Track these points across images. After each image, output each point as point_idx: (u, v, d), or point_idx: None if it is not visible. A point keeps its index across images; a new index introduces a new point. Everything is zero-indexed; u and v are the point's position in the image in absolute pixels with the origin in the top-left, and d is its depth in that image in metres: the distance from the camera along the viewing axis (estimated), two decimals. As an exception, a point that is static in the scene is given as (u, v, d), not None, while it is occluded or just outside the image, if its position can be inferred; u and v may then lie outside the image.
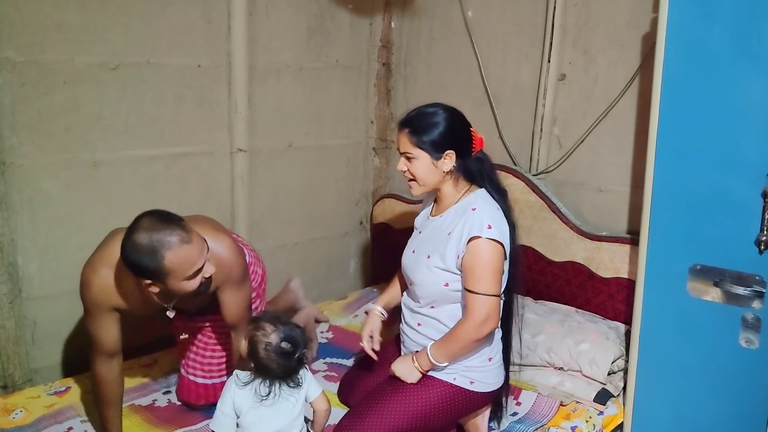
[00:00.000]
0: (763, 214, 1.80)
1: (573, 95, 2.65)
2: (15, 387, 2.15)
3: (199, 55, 2.48)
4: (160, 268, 1.55)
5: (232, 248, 1.81)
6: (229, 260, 1.78)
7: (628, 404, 2.14)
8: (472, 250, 1.73)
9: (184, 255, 1.56)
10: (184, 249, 1.56)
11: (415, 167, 1.81)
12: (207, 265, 1.64)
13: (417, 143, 1.79)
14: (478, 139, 1.84)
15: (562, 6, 2.60)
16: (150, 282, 1.59)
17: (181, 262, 1.56)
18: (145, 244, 1.53)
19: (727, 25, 1.79)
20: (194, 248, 1.59)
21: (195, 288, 1.64)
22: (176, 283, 1.60)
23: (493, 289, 1.73)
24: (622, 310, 2.45)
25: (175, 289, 1.62)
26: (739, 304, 1.87)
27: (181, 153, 2.50)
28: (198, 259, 1.60)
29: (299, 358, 1.62)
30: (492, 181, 1.86)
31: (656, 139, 1.96)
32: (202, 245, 1.63)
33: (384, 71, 3.23)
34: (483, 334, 1.74)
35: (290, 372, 1.64)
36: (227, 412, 1.63)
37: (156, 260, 1.53)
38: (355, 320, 2.77)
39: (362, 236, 3.38)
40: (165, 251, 1.53)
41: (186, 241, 1.57)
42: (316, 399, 1.70)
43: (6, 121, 2.04)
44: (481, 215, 1.75)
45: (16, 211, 2.10)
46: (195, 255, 1.59)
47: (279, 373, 1.62)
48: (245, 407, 1.62)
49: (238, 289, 1.84)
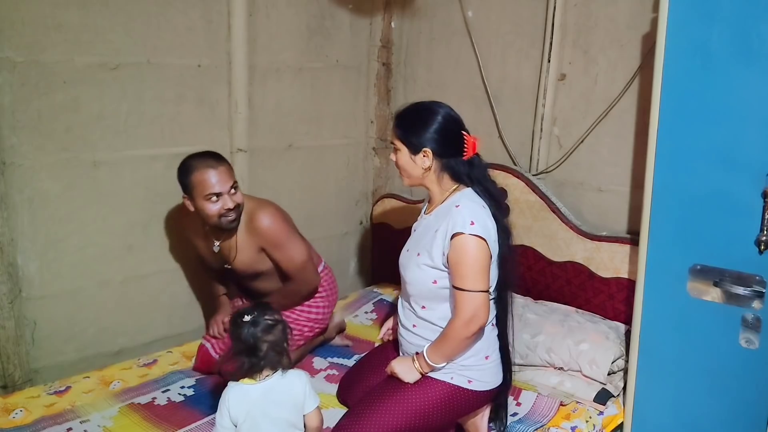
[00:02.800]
0: (763, 214, 1.80)
1: (573, 95, 2.65)
2: (15, 387, 2.15)
3: (199, 55, 2.48)
4: (187, 182, 2.06)
5: (270, 216, 2.17)
6: (266, 224, 2.15)
7: (628, 404, 2.14)
8: (456, 247, 1.74)
9: (205, 176, 2.03)
10: (206, 171, 2.04)
11: (398, 158, 1.88)
12: (228, 199, 2.06)
13: (399, 136, 1.86)
14: (471, 143, 1.84)
15: (562, 6, 2.60)
16: (186, 196, 2.10)
17: (201, 180, 2.03)
18: (185, 162, 2.10)
19: (727, 25, 1.79)
20: (216, 174, 2.04)
21: (215, 213, 2.06)
22: (200, 201, 2.06)
23: (479, 285, 1.73)
24: (622, 310, 2.45)
25: (201, 208, 2.06)
26: (739, 304, 1.87)
27: (181, 153, 2.47)
28: (216, 184, 2.03)
29: (260, 329, 1.64)
30: (481, 185, 1.86)
31: (656, 139, 1.96)
32: (226, 178, 2.06)
33: (384, 71, 3.23)
34: (472, 331, 1.74)
35: (253, 343, 1.63)
36: (226, 425, 1.64)
37: (186, 175, 2.06)
38: (355, 320, 2.77)
39: (362, 236, 3.38)
40: (193, 169, 2.05)
41: (211, 167, 2.04)
42: (311, 412, 1.69)
43: (6, 121, 2.04)
44: (463, 212, 1.76)
45: (16, 211, 2.10)
46: (214, 179, 2.03)
47: (240, 344, 1.64)
48: (240, 417, 1.63)
49: (281, 248, 2.19)
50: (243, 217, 2.17)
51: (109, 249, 2.35)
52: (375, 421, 1.75)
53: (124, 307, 2.43)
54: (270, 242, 2.18)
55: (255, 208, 2.19)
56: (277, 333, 1.66)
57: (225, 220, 2.09)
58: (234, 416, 1.63)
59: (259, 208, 2.19)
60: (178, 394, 2.12)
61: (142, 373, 2.24)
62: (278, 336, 1.66)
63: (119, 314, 2.42)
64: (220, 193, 2.05)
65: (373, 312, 2.86)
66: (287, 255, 2.20)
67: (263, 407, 1.63)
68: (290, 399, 1.66)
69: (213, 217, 2.07)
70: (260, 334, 1.64)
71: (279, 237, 2.18)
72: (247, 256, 2.21)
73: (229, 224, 2.11)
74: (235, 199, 2.09)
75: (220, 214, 2.07)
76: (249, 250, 2.20)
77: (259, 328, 1.64)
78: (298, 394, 1.67)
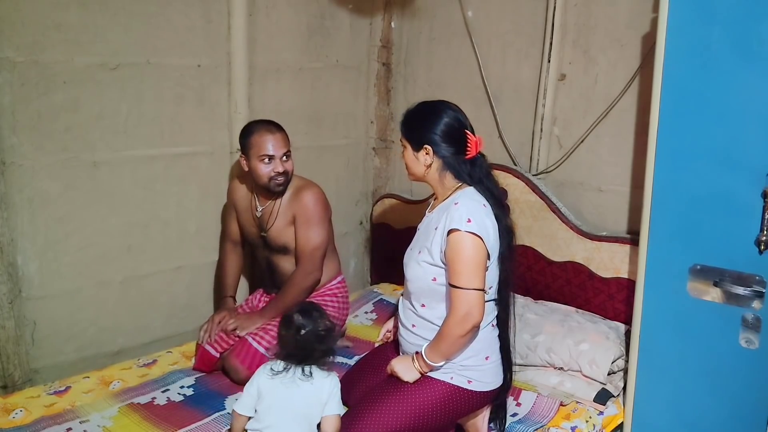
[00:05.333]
0: (763, 214, 1.80)
1: (573, 95, 2.65)
2: (15, 387, 2.14)
3: (199, 55, 2.48)
4: (246, 142, 2.30)
5: (315, 195, 2.35)
6: (308, 200, 2.33)
7: (628, 404, 2.14)
8: (452, 244, 1.75)
9: (262, 138, 2.26)
10: (264, 135, 2.27)
11: (403, 155, 1.93)
12: (279, 163, 2.27)
13: (403, 133, 1.91)
14: (474, 142, 1.84)
15: (562, 6, 2.60)
16: (242, 156, 2.31)
17: (258, 142, 2.26)
18: (247, 125, 2.36)
19: (727, 26, 1.79)
20: (272, 139, 2.27)
21: (266, 175, 2.26)
22: (255, 162, 2.27)
23: (473, 282, 1.73)
24: (622, 310, 2.45)
25: (254, 168, 2.27)
26: (739, 304, 1.87)
27: (181, 153, 2.50)
28: (271, 147, 2.26)
29: (313, 337, 1.71)
30: (483, 184, 1.86)
31: (656, 139, 1.96)
32: (281, 144, 2.28)
33: (384, 71, 3.23)
34: (466, 329, 1.74)
35: (304, 350, 1.71)
36: (252, 392, 1.72)
37: (246, 136, 2.30)
38: (355, 320, 2.77)
39: (362, 236, 3.38)
40: (253, 131, 2.29)
41: (269, 131, 2.28)
42: (330, 416, 1.72)
43: (6, 121, 2.04)
44: (461, 209, 1.76)
45: (16, 211, 2.10)
46: (270, 143, 2.26)
47: (292, 349, 1.71)
48: (264, 392, 1.70)
49: (307, 225, 2.33)
50: (290, 188, 2.36)
51: (109, 249, 2.35)
52: (375, 421, 1.75)
53: (123, 308, 2.43)
54: (302, 215, 2.33)
55: (306, 184, 2.39)
56: (330, 341, 1.73)
57: (273, 183, 2.28)
58: (261, 389, 1.70)
59: (309, 186, 2.38)
60: (177, 393, 2.12)
61: (142, 373, 2.24)
62: (330, 343, 1.73)
63: (119, 314, 2.41)
64: (272, 157, 2.25)
65: (373, 312, 2.85)
66: (308, 234, 2.33)
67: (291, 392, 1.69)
68: (315, 395, 1.71)
69: (263, 177, 2.27)
70: (315, 344, 1.71)
71: (312, 214, 2.33)
72: (282, 225, 2.36)
73: (276, 187, 2.29)
74: (285, 165, 2.29)
75: (270, 176, 2.27)
76: (284, 219, 2.35)
77: (313, 337, 1.70)
78: (324, 394, 1.72)
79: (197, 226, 2.61)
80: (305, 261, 2.34)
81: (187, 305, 2.63)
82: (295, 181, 2.38)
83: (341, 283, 2.52)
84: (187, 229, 2.58)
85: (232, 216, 2.50)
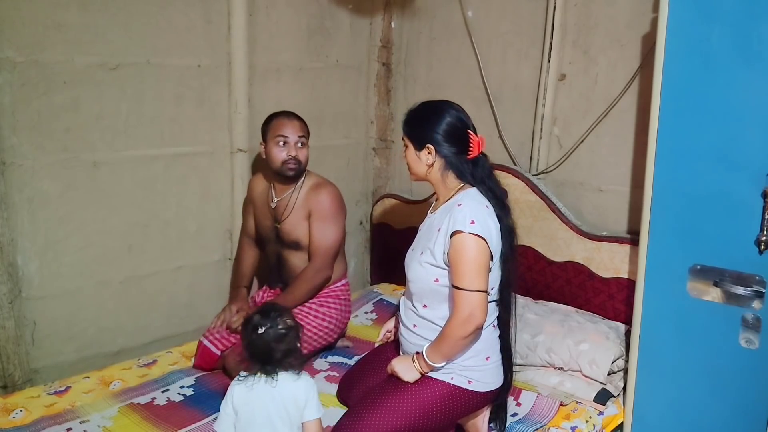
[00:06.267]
0: (763, 214, 1.80)
1: (573, 95, 2.65)
2: (15, 387, 2.15)
3: (199, 55, 2.48)
4: (266, 128, 2.38)
5: (332, 193, 2.40)
6: (325, 197, 2.37)
7: (628, 404, 2.14)
8: (455, 245, 1.74)
9: (281, 122, 2.36)
10: (283, 119, 2.37)
11: (406, 154, 1.93)
12: (293, 147, 2.33)
13: (406, 132, 1.92)
14: (476, 142, 1.84)
15: (562, 6, 2.60)
16: (262, 143, 2.39)
17: (276, 125, 2.35)
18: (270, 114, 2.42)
19: (727, 25, 1.79)
20: (289, 123, 2.36)
21: (280, 158, 2.32)
22: (270, 145, 2.34)
23: (476, 284, 1.73)
24: (622, 310, 2.45)
25: (269, 151, 2.35)
26: (739, 304, 1.87)
27: (181, 153, 2.50)
28: (286, 129, 2.34)
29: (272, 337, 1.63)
30: (485, 185, 1.86)
31: (656, 139, 1.96)
32: (297, 129, 2.36)
33: (384, 71, 3.23)
34: (468, 330, 1.74)
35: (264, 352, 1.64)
36: (228, 412, 1.66)
37: (267, 123, 2.39)
38: (355, 320, 2.76)
39: (362, 236, 3.38)
40: (274, 117, 2.39)
41: (288, 117, 2.38)
42: (310, 421, 1.67)
43: (6, 121, 2.04)
44: (464, 210, 1.76)
45: (16, 211, 2.10)
46: (288, 126, 2.34)
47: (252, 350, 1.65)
48: (239, 407, 1.65)
49: (322, 222, 2.36)
50: (307, 184, 2.41)
51: (109, 249, 2.35)
52: (375, 420, 1.75)
53: (123, 308, 2.43)
54: (318, 212, 2.36)
55: (324, 182, 2.43)
56: (290, 340, 1.67)
57: (286, 167, 2.33)
58: (236, 404, 1.65)
59: (326, 184, 2.42)
60: (177, 394, 2.12)
61: (142, 373, 2.24)
62: (291, 343, 1.67)
63: (119, 314, 2.42)
64: (287, 138, 2.32)
65: (373, 312, 2.85)
66: (323, 232, 2.36)
67: (265, 402, 1.64)
68: (292, 399, 1.66)
69: (277, 161, 2.33)
70: (274, 344, 1.64)
71: (327, 212, 2.36)
72: (296, 219, 2.38)
73: (288, 171, 2.34)
74: (300, 152, 2.35)
75: (283, 159, 2.32)
76: (298, 214, 2.38)
77: (272, 337, 1.64)
78: (300, 398, 1.67)
79: (197, 226, 2.61)
80: (318, 258, 2.35)
81: (187, 305, 2.63)
82: (313, 178, 2.43)
83: (345, 286, 2.52)
84: (187, 229, 2.58)
85: (249, 212, 2.56)
